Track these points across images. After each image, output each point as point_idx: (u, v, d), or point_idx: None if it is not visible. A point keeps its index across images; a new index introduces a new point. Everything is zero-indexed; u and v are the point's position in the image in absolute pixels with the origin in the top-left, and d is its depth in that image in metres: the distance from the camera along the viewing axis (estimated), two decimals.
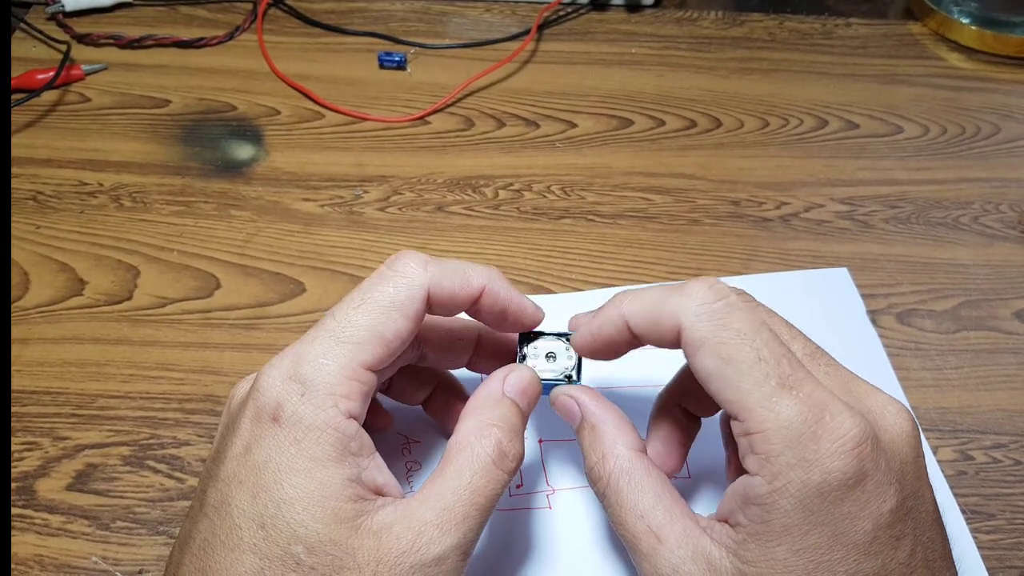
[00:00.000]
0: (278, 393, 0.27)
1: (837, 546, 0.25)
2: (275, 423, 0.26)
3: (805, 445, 0.25)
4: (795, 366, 0.26)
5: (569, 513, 0.36)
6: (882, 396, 0.28)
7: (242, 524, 0.26)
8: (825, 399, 0.26)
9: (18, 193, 0.49)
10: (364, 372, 0.28)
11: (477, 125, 0.55)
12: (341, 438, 0.26)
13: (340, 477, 0.26)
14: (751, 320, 0.27)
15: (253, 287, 0.45)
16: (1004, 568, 0.35)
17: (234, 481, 0.26)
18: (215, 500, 0.26)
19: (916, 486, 0.26)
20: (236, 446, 0.27)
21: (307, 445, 0.26)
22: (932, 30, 0.64)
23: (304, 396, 0.27)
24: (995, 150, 0.55)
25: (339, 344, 0.28)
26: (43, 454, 0.38)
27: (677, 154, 0.53)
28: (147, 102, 0.55)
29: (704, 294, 0.27)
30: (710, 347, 0.27)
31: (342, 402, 0.27)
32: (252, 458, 0.26)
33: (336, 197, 0.50)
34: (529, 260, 0.46)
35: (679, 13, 0.65)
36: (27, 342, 0.42)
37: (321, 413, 0.26)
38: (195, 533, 0.27)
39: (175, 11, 0.62)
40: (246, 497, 0.26)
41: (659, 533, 0.28)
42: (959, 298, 0.46)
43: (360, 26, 0.62)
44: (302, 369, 0.27)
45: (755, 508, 0.26)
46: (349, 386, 0.27)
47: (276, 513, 0.25)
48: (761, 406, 0.26)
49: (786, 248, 0.48)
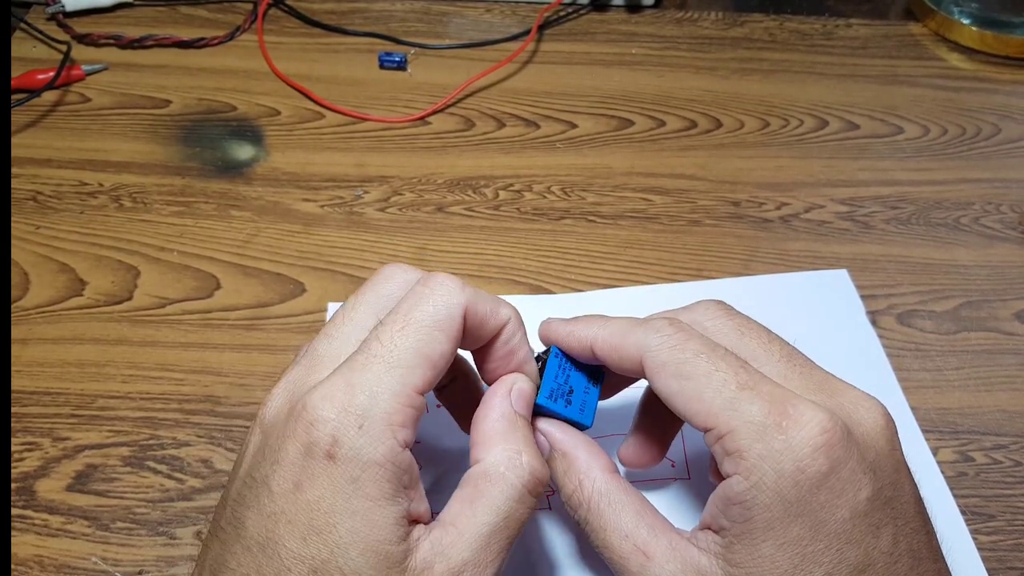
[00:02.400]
0: (334, 428, 0.25)
1: (819, 536, 0.25)
2: (330, 460, 0.25)
3: (772, 437, 0.26)
4: (751, 372, 0.27)
5: (569, 514, 0.36)
6: (856, 392, 0.28)
7: (292, 567, 0.25)
8: (785, 395, 0.27)
9: (18, 193, 0.49)
10: (417, 397, 0.27)
11: (477, 126, 0.55)
12: (397, 472, 0.26)
13: (393, 516, 0.25)
14: (706, 343, 0.28)
15: (253, 287, 0.45)
16: (1005, 570, 0.35)
17: (283, 519, 0.25)
18: (259, 536, 0.25)
19: (894, 477, 0.27)
20: (284, 481, 0.25)
21: (364, 484, 0.25)
22: (932, 31, 0.64)
23: (362, 429, 0.25)
24: (995, 151, 0.55)
25: (391, 370, 0.26)
26: (43, 454, 0.38)
27: (677, 155, 0.53)
28: (147, 102, 0.55)
29: (665, 327, 0.29)
30: (670, 369, 0.28)
31: (400, 432, 0.26)
32: (303, 497, 0.25)
33: (336, 197, 0.50)
34: (529, 260, 0.46)
35: (679, 14, 0.65)
36: (27, 342, 0.42)
37: (380, 447, 0.25)
38: (234, 565, 0.26)
39: (175, 11, 0.62)
40: (296, 539, 0.25)
41: (646, 550, 0.28)
42: (959, 299, 0.45)
43: (360, 26, 0.62)
44: (357, 399, 0.26)
45: (736, 508, 0.26)
46: (404, 414, 0.26)
47: (329, 558, 0.25)
48: (724, 408, 0.27)
49: (786, 249, 0.48)
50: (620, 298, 0.44)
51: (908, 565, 0.26)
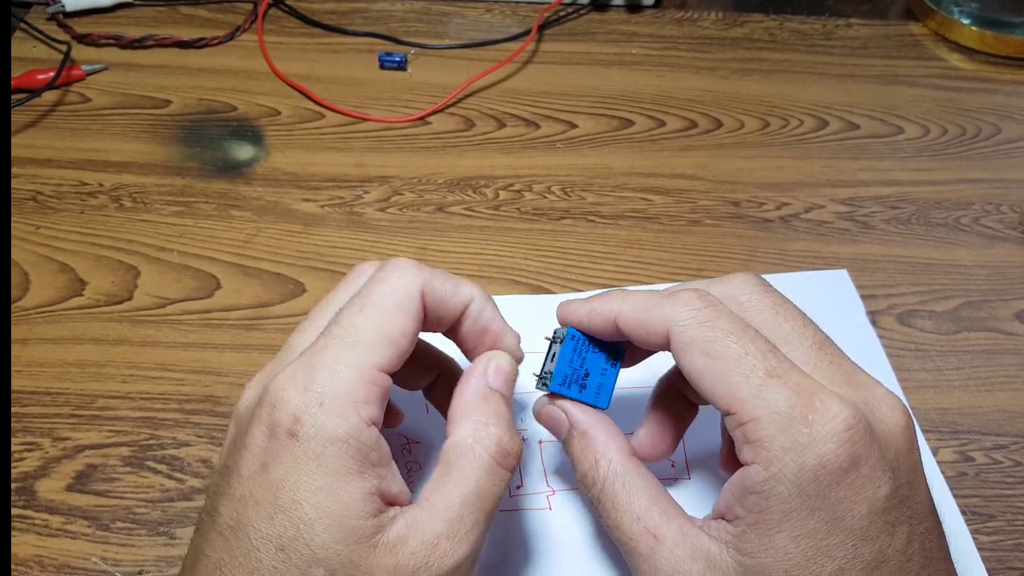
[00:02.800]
0: (295, 406, 0.26)
1: (835, 531, 0.25)
2: (292, 438, 0.25)
3: (797, 429, 0.25)
4: (781, 359, 0.27)
5: (569, 514, 0.36)
6: (881, 389, 0.28)
7: (260, 547, 0.25)
8: (813, 386, 0.26)
9: (18, 193, 0.49)
10: (379, 374, 0.27)
11: (477, 126, 0.55)
12: (362, 448, 0.26)
13: (360, 492, 0.26)
14: (737, 322, 0.28)
15: (253, 287, 0.45)
16: (1005, 569, 0.35)
17: (250, 501, 0.25)
18: (230, 520, 0.26)
19: (911, 476, 0.27)
20: (251, 463, 0.26)
21: (327, 460, 0.25)
22: (932, 31, 0.64)
23: (323, 406, 0.26)
24: (995, 151, 0.55)
25: (350, 348, 0.27)
26: (43, 455, 0.38)
27: (677, 155, 0.53)
28: (147, 102, 0.55)
29: (694, 302, 0.28)
30: (698, 347, 0.27)
31: (363, 408, 0.26)
32: (269, 476, 0.25)
33: (336, 197, 0.50)
34: (529, 260, 0.46)
35: (679, 14, 0.65)
36: (27, 342, 0.42)
37: (343, 423, 0.26)
38: (208, 551, 0.26)
39: (175, 11, 0.62)
40: (263, 518, 0.25)
41: (656, 533, 0.28)
42: (959, 299, 0.45)
43: (360, 26, 0.62)
44: (317, 377, 0.26)
45: (753, 497, 0.26)
46: (368, 390, 0.27)
47: (295, 535, 0.25)
48: (751, 395, 0.26)
49: (786, 249, 0.48)
50: None
51: (920, 564, 0.26)
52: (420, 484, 0.30)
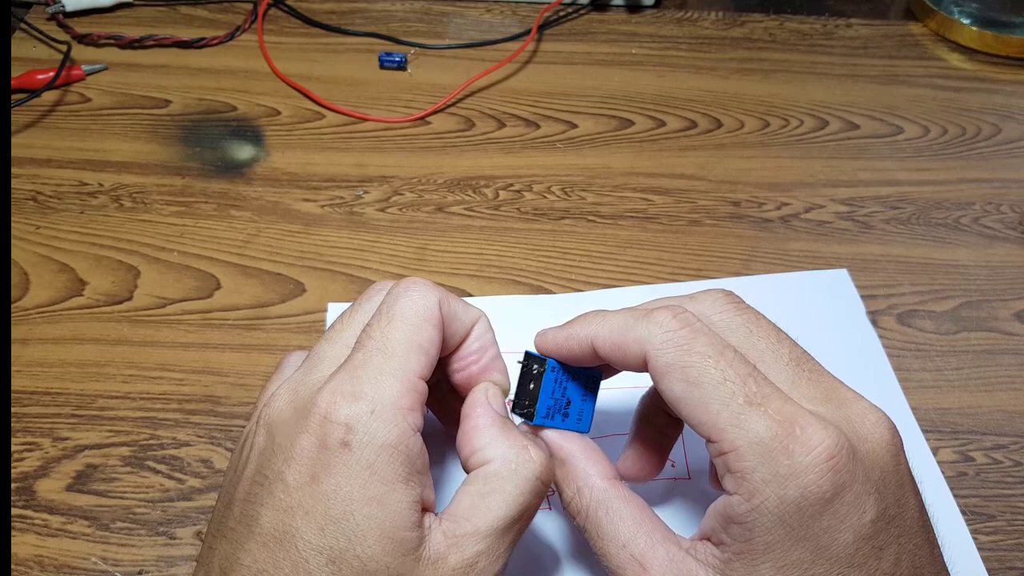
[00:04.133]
0: (347, 416, 0.26)
1: (820, 560, 0.25)
2: (345, 448, 0.26)
3: (778, 460, 0.25)
4: (761, 383, 0.27)
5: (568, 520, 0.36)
6: (863, 404, 0.28)
7: (309, 558, 0.25)
8: (794, 413, 0.26)
9: (18, 193, 0.49)
10: (418, 381, 0.28)
11: (477, 126, 0.55)
12: (410, 455, 0.26)
13: (408, 500, 0.26)
14: (715, 343, 0.27)
15: (253, 287, 0.45)
16: (1005, 570, 0.35)
17: (299, 511, 0.25)
18: (275, 530, 0.25)
19: (898, 494, 0.26)
20: (299, 474, 0.26)
21: (379, 467, 0.26)
22: (932, 31, 0.64)
23: (374, 414, 0.26)
24: (995, 151, 0.55)
25: (389, 359, 0.27)
26: (43, 454, 0.38)
27: (677, 155, 0.53)
28: (147, 102, 0.55)
29: (669, 322, 0.28)
30: (676, 372, 0.27)
31: (409, 416, 0.27)
32: (320, 488, 0.25)
33: (336, 197, 0.50)
34: (529, 260, 0.46)
35: (679, 14, 0.65)
36: (27, 342, 0.42)
37: (394, 429, 0.26)
38: (247, 561, 0.26)
39: (175, 11, 0.62)
40: (314, 530, 0.25)
41: (643, 561, 0.28)
42: (959, 299, 0.45)
43: (360, 26, 0.62)
44: (363, 387, 0.26)
45: (736, 527, 0.26)
46: (411, 397, 0.27)
47: (347, 547, 0.25)
48: (731, 424, 0.26)
49: (786, 249, 0.48)
50: (620, 298, 0.44)
51: None
52: None
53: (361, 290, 0.44)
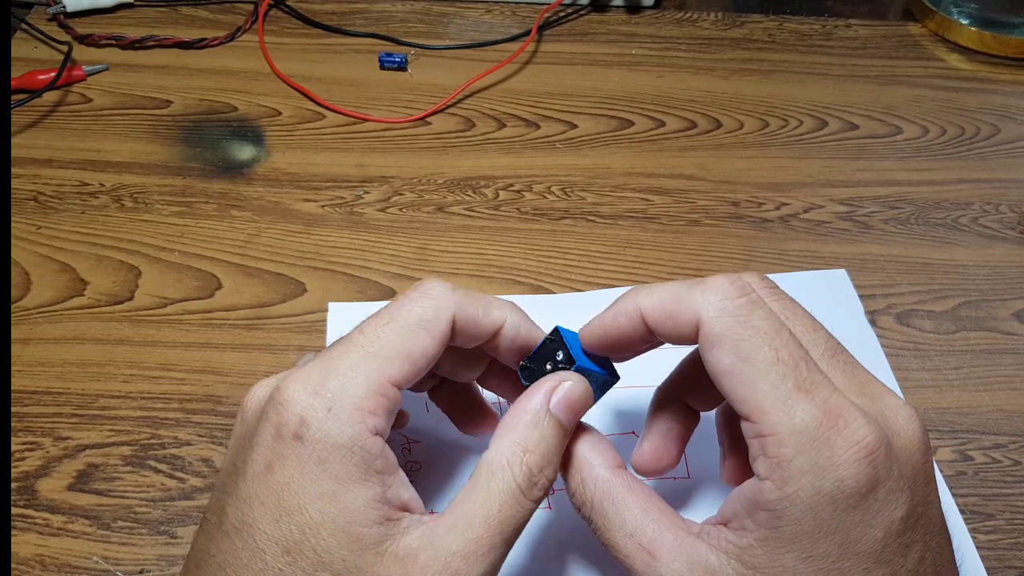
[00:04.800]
0: (303, 408, 0.26)
1: (848, 555, 0.25)
2: (298, 441, 0.25)
3: (819, 451, 0.24)
4: (812, 370, 0.26)
5: (569, 514, 0.36)
6: (895, 400, 0.27)
7: (266, 548, 0.25)
8: (840, 405, 0.25)
9: (19, 193, 0.49)
10: (391, 388, 0.27)
11: (477, 126, 0.55)
12: (366, 456, 0.26)
13: (365, 498, 0.25)
14: (772, 320, 0.26)
15: (254, 287, 0.45)
16: (1003, 568, 0.35)
17: (256, 502, 0.25)
18: (236, 520, 0.26)
19: (925, 492, 0.26)
20: (257, 463, 0.26)
21: (332, 465, 0.25)
22: (932, 31, 0.64)
23: (331, 412, 0.26)
24: (994, 151, 0.55)
25: (368, 358, 0.27)
26: (44, 454, 0.38)
27: (677, 155, 0.53)
28: (148, 103, 0.55)
29: (726, 289, 0.27)
30: (728, 344, 0.26)
31: (369, 418, 0.26)
32: (274, 478, 0.25)
33: (337, 198, 0.50)
34: (529, 260, 0.47)
35: (679, 14, 0.65)
36: (28, 342, 0.42)
37: (348, 430, 0.25)
38: (214, 552, 0.26)
39: (176, 12, 0.62)
40: (269, 520, 0.25)
41: (651, 549, 0.27)
42: (958, 299, 0.46)
43: (361, 27, 0.62)
44: (329, 383, 0.26)
45: (764, 513, 0.25)
46: (376, 401, 0.26)
47: (301, 539, 0.25)
48: (776, 408, 0.25)
49: (785, 249, 0.48)
50: None
51: None
52: (419, 484, 0.30)
53: (362, 290, 0.45)
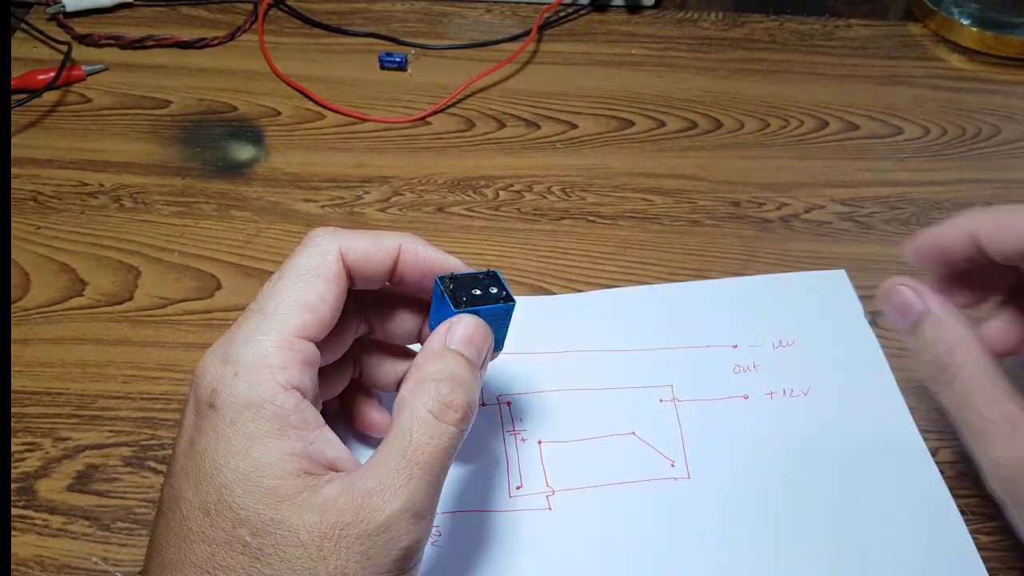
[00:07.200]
0: (212, 378, 0.27)
1: None
2: (212, 409, 0.26)
3: None
4: None
5: (568, 514, 0.36)
6: None
7: (189, 515, 0.26)
8: None
9: (18, 193, 0.49)
10: (297, 341, 0.28)
11: (478, 126, 0.55)
12: (279, 411, 0.26)
13: (278, 453, 0.26)
14: None
15: (254, 288, 0.45)
16: (1005, 569, 0.35)
17: (181, 475, 0.27)
18: (168, 497, 0.27)
19: None
20: (183, 441, 0.27)
21: (243, 424, 0.26)
22: (932, 31, 0.64)
23: (237, 375, 0.27)
24: (995, 151, 0.55)
25: (265, 319, 0.28)
26: (43, 455, 0.38)
27: (677, 155, 0.53)
28: (148, 103, 0.55)
29: None
30: None
31: (278, 373, 0.27)
32: (195, 449, 0.27)
33: (337, 198, 0.50)
34: (529, 261, 0.47)
35: (679, 14, 0.65)
36: (28, 343, 0.42)
37: (256, 388, 0.26)
38: (155, 534, 0.27)
39: (176, 12, 0.62)
40: (191, 488, 0.26)
41: (1014, 420, 0.28)
42: None
43: (361, 27, 0.62)
44: (232, 350, 0.27)
45: None
46: (283, 356, 0.27)
47: (219, 499, 0.26)
48: None
49: (786, 249, 0.48)
50: (620, 298, 0.44)
51: None
52: None
53: None
